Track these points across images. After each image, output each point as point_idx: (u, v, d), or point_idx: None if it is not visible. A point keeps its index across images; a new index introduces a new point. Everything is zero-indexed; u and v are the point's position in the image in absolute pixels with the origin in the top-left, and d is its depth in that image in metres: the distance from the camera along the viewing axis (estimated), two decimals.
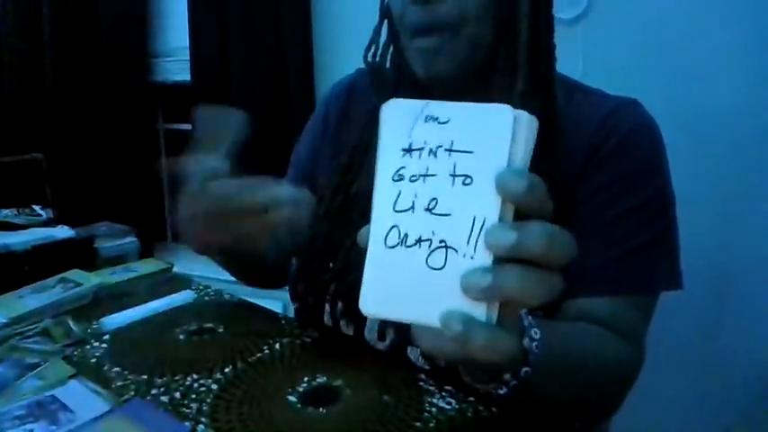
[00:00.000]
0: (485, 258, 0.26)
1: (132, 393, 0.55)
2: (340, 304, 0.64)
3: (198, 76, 1.69)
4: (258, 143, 1.61)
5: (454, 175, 0.26)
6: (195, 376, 0.58)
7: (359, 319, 0.63)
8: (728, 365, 1.14)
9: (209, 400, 0.54)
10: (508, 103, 0.53)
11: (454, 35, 0.52)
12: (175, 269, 0.94)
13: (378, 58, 0.61)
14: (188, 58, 1.69)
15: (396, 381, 0.57)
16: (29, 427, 0.48)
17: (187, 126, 1.80)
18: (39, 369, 0.59)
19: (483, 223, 0.26)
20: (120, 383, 0.57)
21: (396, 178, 0.28)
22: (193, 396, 0.55)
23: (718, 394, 1.15)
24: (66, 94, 1.90)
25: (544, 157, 0.55)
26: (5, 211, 1.08)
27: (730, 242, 1.10)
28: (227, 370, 0.60)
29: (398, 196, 0.28)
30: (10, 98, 1.97)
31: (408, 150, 0.27)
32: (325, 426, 0.51)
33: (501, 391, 0.39)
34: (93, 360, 0.62)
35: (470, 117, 0.27)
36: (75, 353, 0.64)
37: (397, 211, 0.28)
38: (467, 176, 0.26)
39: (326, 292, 0.65)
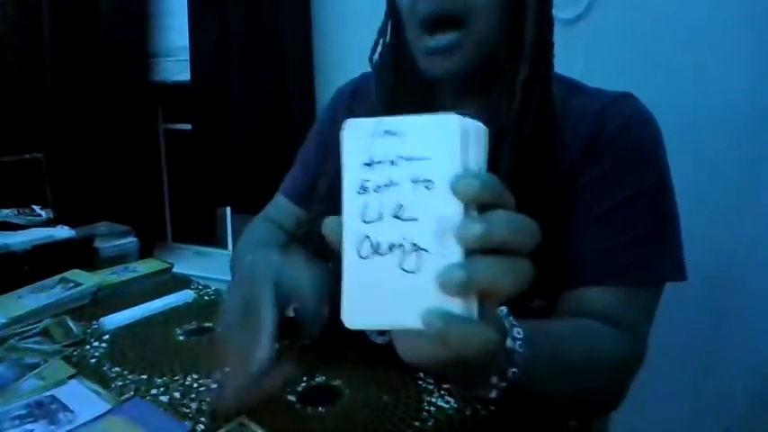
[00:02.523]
0: (456, 254, 0.27)
1: (132, 393, 0.55)
2: None
3: (198, 76, 1.69)
4: (257, 143, 1.61)
5: (416, 181, 0.28)
6: (195, 376, 0.59)
7: None
8: (728, 365, 1.14)
9: (208, 399, 0.54)
10: (511, 92, 0.54)
11: (465, 31, 0.53)
12: (175, 269, 0.94)
13: (382, 58, 0.61)
14: (188, 57, 1.69)
15: (395, 380, 0.57)
16: (29, 427, 0.48)
17: (186, 126, 1.80)
18: (39, 369, 0.59)
19: (449, 221, 0.27)
20: (120, 383, 0.57)
21: (361, 191, 0.29)
22: (193, 396, 0.55)
23: (718, 394, 1.15)
24: (66, 94, 1.90)
25: (543, 151, 0.56)
26: (5, 211, 1.08)
27: (731, 241, 1.10)
28: (226, 369, 0.60)
29: (366, 207, 0.29)
30: (10, 98, 1.97)
31: (370, 164, 0.29)
32: (325, 425, 0.51)
33: (492, 395, 0.39)
34: (93, 360, 0.62)
35: (423, 128, 0.28)
36: (75, 353, 0.64)
37: (366, 222, 0.29)
38: (427, 181, 0.28)
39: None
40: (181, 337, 0.69)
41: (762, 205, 1.07)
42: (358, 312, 0.29)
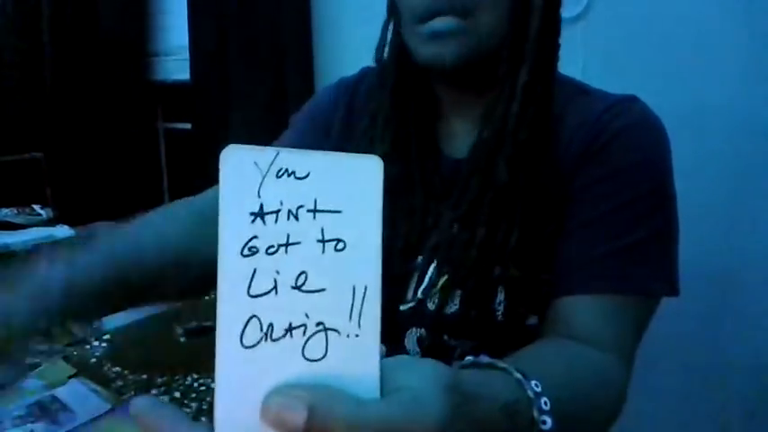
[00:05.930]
0: (372, 334, 0.22)
1: (132, 393, 0.55)
2: None
3: (197, 75, 1.69)
4: (257, 141, 1.61)
5: (323, 241, 0.22)
6: (195, 375, 0.59)
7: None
8: (728, 365, 1.14)
9: (209, 399, 0.54)
10: (511, 95, 0.53)
11: (469, 20, 0.50)
12: None
13: (384, 54, 0.58)
14: (187, 56, 1.69)
15: None
16: (29, 427, 0.48)
17: (186, 125, 1.80)
18: (39, 369, 0.59)
19: (365, 292, 0.22)
20: (120, 383, 0.57)
21: (247, 253, 0.21)
22: (193, 395, 0.55)
23: (719, 393, 1.15)
24: (66, 94, 1.90)
25: (536, 158, 0.54)
26: (5, 211, 1.08)
27: (730, 241, 1.10)
28: None
29: (253, 276, 0.21)
30: (10, 97, 1.97)
31: (259, 214, 0.22)
32: None
33: None
34: (93, 360, 0.62)
35: (334, 170, 0.22)
36: (75, 353, 0.64)
37: (253, 296, 0.22)
38: (338, 240, 0.22)
39: None
40: (181, 338, 0.69)
41: (759, 207, 1.07)
42: (239, 422, 0.22)
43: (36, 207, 1.14)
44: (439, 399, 0.24)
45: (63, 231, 0.94)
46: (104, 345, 0.66)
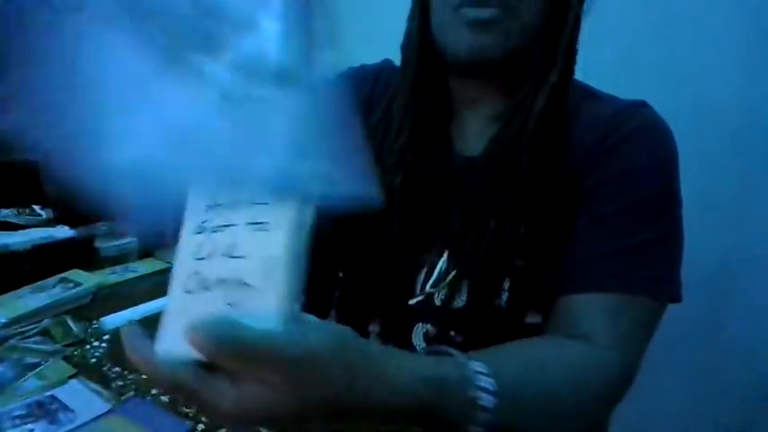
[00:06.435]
0: (281, 292, 0.28)
1: (132, 393, 0.55)
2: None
3: None
4: None
5: (252, 223, 0.29)
6: None
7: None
8: (728, 365, 1.14)
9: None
10: (536, 94, 0.53)
11: (509, 12, 0.49)
12: None
13: (409, 44, 0.58)
14: None
15: None
16: (29, 427, 0.48)
17: None
18: (39, 369, 0.59)
19: (278, 261, 0.28)
20: (120, 383, 0.57)
21: (198, 231, 0.31)
22: None
23: (719, 394, 1.15)
24: None
25: (549, 159, 0.55)
26: (5, 211, 1.08)
27: (731, 241, 1.10)
28: None
29: (199, 246, 0.30)
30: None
31: (212, 206, 0.31)
32: (326, 426, 0.51)
33: None
34: (93, 360, 0.62)
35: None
36: (75, 353, 0.64)
37: (197, 259, 0.30)
38: (263, 223, 0.29)
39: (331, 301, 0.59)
40: None
41: (761, 209, 1.07)
42: (174, 342, 0.29)
43: (36, 207, 1.14)
44: (321, 342, 0.28)
45: (63, 232, 0.94)
46: (104, 345, 0.66)
